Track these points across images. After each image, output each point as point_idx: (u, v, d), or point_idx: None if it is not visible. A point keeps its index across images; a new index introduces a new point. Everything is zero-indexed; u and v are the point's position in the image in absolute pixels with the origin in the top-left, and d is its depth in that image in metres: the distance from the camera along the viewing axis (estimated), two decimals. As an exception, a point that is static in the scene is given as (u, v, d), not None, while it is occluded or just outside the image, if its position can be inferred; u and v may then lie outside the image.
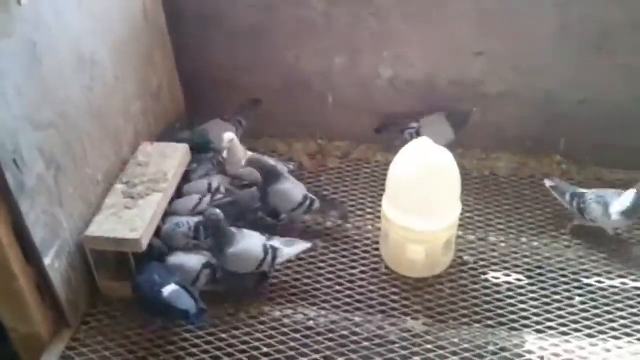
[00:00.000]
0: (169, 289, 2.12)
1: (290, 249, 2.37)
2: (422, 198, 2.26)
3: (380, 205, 2.72)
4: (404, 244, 2.38)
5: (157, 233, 2.35)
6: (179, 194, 2.56)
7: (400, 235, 2.37)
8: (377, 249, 2.59)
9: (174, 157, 2.55)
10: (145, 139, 2.68)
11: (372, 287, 2.43)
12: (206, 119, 2.95)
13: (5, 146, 1.83)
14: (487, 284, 2.44)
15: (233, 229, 2.32)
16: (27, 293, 2.08)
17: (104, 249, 2.25)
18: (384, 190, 2.81)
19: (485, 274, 2.48)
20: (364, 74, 2.97)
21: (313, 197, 2.57)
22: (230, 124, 2.86)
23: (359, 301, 2.39)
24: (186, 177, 2.64)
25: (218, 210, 2.27)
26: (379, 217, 2.70)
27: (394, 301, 2.38)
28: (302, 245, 2.39)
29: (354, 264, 2.53)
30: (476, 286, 2.43)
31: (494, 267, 2.50)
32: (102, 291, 2.37)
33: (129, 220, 2.25)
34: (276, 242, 2.36)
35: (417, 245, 2.36)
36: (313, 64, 2.98)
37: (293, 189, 2.55)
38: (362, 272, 2.50)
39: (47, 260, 2.08)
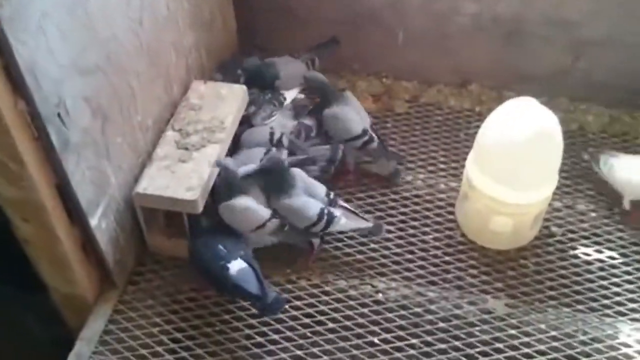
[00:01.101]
0: (236, 266, 1.88)
1: (348, 221, 2.10)
2: (518, 167, 1.97)
3: (454, 161, 2.48)
4: (488, 214, 2.11)
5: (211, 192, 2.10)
6: (234, 143, 2.28)
7: (485, 204, 2.09)
8: (451, 213, 2.32)
9: (230, 100, 2.25)
10: (197, 75, 2.38)
11: (447, 258, 2.19)
12: (260, 53, 2.63)
13: (48, 99, 1.55)
14: (576, 261, 2.18)
15: (295, 176, 2.08)
16: (72, 256, 1.87)
17: (156, 207, 2.01)
18: (456, 141, 2.57)
19: (574, 248, 2.22)
20: (441, 9, 2.59)
21: (373, 134, 2.29)
22: (300, 62, 2.54)
23: (432, 273, 2.15)
24: (243, 122, 2.34)
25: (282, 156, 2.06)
26: (453, 175, 2.44)
27: (472, 275, 2.15)
28: (362, 223, 2.12)
29: (425, 229, 2.28)
30: (564, 262, 2.17)
31: (583, 241, 2.23)
32: (152, 249, 2.16)
33: (184, 177, 1.99)
34: (337, 210, 2.10)
35: (503, 217, 2.09)
36: (384, -4, 2.60)
37: (353, 117, 2.27)
38: (435, 239, 2.25)
39: (93, 221, 1.85)
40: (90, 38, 1.69)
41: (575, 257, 2.19)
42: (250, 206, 2.02)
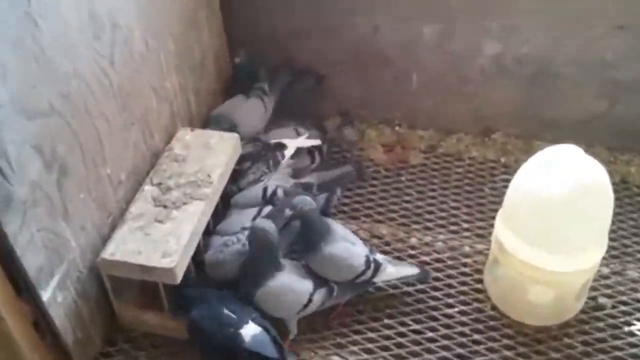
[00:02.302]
0: (250, 331, 1.58)
1: (395, 268, 1.86)
2: (560, 227, 1.63)
3: (479, 219, 2.15)
4: (524, 284, 1.77)
5: (194, 257, 1.77)
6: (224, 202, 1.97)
7: (520, 272, 1.74)
8: (479, 281, 1.97)
9: (219, 150, 1.95)
10: (184, 123, 2.10)
11: (476, 336, 1.83)
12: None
13: (-18, 147, 1.25)
14: (632, 339, 1.81)
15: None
16: (19, 335, 1.53)
17: (125, 276, 1.68)
18: (480, 197, 2.24)
19: (628, 324, 1.85)
20: (460, 50, 2.31)
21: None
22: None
23: (459, 356, 1.79)
24: (235, 178, 2.04)
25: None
26: (478, 236, 2.11)
27: (506, 358, 1.77)
28: (410, 269, 1.88)
29: (449, 301, 1.92)
30: (617, 342, 1.80)
31: (638, 315, 1.87)
32: (123, 325, 1.82)
33: (160, 240, 1.67)
34: (379, 256, 1.85)
35: (543, 287, 1.74)
36: (394, 34, 2.33)
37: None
38: (462, 312, 1.89)
39: (45, 294, 1.52)
40: (41, 74, 1.40)
41: (631, 334, 1.82)
42: (291, 284, 1.73)
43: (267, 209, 1.90)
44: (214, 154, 1.93)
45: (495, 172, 2.35)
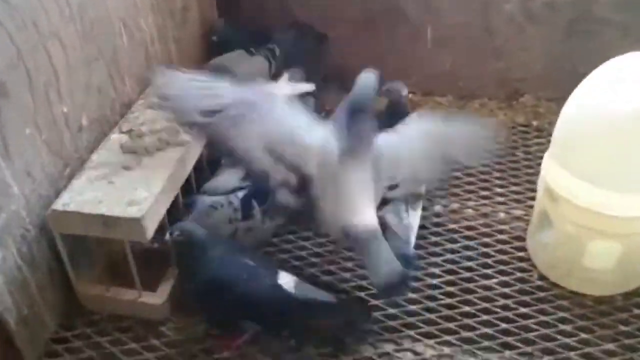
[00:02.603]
0: (288, 280, 1.32)
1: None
2: (631, 157, 1.29)
3: (514, 184, 1.83)
4: (582, 241, 1.42)
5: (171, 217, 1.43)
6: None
7: (578, 223, 1.40)
8: (521, 249, 1.63)
9: (204, 97, 1.62)
10: (161, 71, 1.78)
11: (523, 310, 1.47)
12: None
13: None
14: None
15: None
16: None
17: (83, 234, 1.33)
18: (513, 161, 1.92)
19: None
20: (480, -5, 2.01)
21: None
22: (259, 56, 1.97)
23: (505, 332, 1.43)
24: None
25: None
26: (516, 201, 1.78)
27: (564, 334, 1.41)
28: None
29: (486, 272, 1.57)
30: (701, 312, 1.44)
31: None
32: (83, 302, 1.46)
33: (127, 188, 1.34)
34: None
35: (606, 242, 1.39)
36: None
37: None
38: (503, 284, 1.54)
39: (-24, 253, 1.18)
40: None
41: None
42: None
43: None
44: (197, 100, 1.61)
45: (528, 136, 2.03)
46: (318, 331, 1.39)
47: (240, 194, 1.53)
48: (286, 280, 1.33)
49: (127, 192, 1.32)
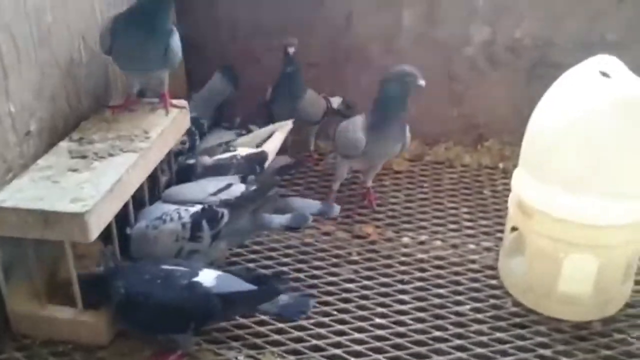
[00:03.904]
0: (209, 275, 1.27)
1: None
2: (602, 158, 1.25)
3: (483, 218, 1.78)
4: (557, 255, 1.35)
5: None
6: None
7: (552, 236, 1.34)
8: (492, 277, 1.55)
9: (163, 113, 1.56)
10: (120, 92, 1.72)
11: (498, 335, 1.37)
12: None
13: None
14: (702, 334, 1.37)
15: None
16: None
17: (21, 236, 1.21)
18: (481, 199, 1.88)
19: (693, 316, 1.42)
20: (444, 37, 2.04)
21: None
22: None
23: (480, 356, 1.32)
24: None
25: None
26: (485, 234, 1.71)
27: (544, 358, 1.31)
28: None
29: (458, 298, 1.49)
30: (684, 337, 1.36)
31: (701, 308, 1.45)
32: (15, 323, 1.31)
33: (72, 187, 1.23)
34: None
35: (582, 254, 1.33)
36: (371, 23, 2.06)
37: None
38: (475, 310, 1.45)
39: None
40: None
41: (700, 328, 1.39)
42: None
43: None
44: (155, 116, 1.54)
45: (495, 177, 2.00)
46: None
47: (193, 209, 1.42)
48: (206, 277, 1.25)
49: (72, 190, 1.22)
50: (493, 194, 1.90)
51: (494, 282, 1.53)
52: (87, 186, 1.23)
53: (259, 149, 1.69)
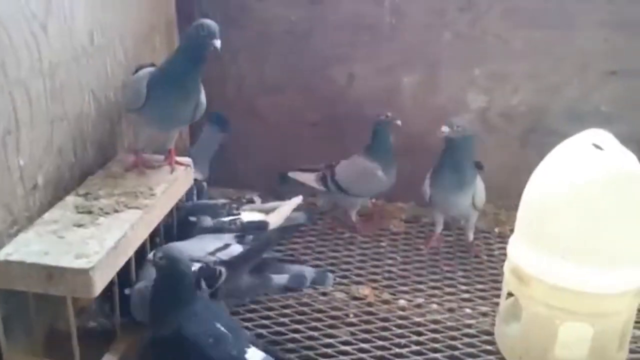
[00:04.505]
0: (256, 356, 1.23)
1: None
2: (595, 230, 1.28)
3: (480, 283, 1.80)
4: (553, 323, 1.36)
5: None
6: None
7: (547, 304, 1.35)
8: (488, 343, 1.56)
9: (168, 172, 1.59)
10: (125, 148, 1.76)
11: (495, 402, 1.37)
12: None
13: None
14: (697, 406, 1.38)
15: None
16: None
17: (24, 289, 1.22)
18: (478, 263, 1.91)
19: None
20: (442, 102, 2.10)
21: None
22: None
23: None
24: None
25: None
26: (481, 298, 1.73)
27: None
28: None
29: (454, 365, 1.48)
30: (680, 408, 1.37)
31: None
32: (12, 381, 1.30)
33: (77, 243, 1.25)
34: None
35: (577, 322, 1.35)
36: (371, 84, 2.12)
37: None
38: (472, 378, 1.44)
39: None
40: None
41: (694, 400, 1.39)
42: None
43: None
44: (160, 174, 1.57)
45: (491, 242, 2.03)
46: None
47: (194, 267, 1.43)
48: (254, 356, 1.23)
49: (77, 246, 1.23)
50: (489, 258, 1.92)
51: (490, 347, 1.54)
52: (91, 242, 1.24)
53: (261, 219, 1.70)
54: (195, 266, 1.42)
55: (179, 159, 1.63)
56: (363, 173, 1.94)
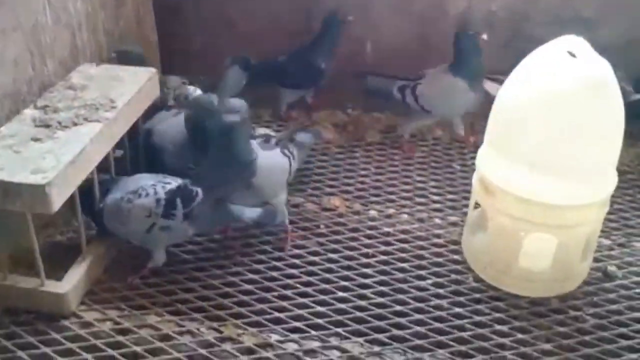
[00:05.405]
0: None
1: None
2: (564, 140, 1.26)
3: (451, 193, 1.80)
4: (518, 234, 1.37)
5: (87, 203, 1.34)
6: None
7: (513, 215, 1.36)
8: (456, 252, 1.58)
9: (131, 81, 1.54)
10: (89, 60, 1.69)
11: (457, 310, 1.40)
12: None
13: None
14: (653, 312, 1.42)
15: None
16: None
17: (-21, 208, 1.21)
18: (450, 173, 1.91)
19: (645, 295, 1.47)
20: (421, 8, 2.02)
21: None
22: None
23: (438, 331, 1.35)
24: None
25: None
26: (451, 208, 1.73)
27: (499, 334, 1.34)
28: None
29: (420, 273, 1.51)
30: (637, 314, 1.40)
31: (658, 285, 1.49)
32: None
33: (34, 158, 1.22)
34: None
35: (542, 233, 1.35)
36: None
37: None
38: (437, 285, 1.47)
39: None
40: None
41: (651, 306, 1.43)
42: None
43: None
44: (123, 84, 1.52)
45: (465, 151, 2.01)
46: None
47: (169, 186, 1.41)
48: None
49: (33, 161, 1.21)
50: (462, 168, 1.92)
51: (457, 257, 1.56)
52: (49, 157, 1.22)
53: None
54: (173, 184, 1.41)
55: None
56: (449, 91, 1.86)
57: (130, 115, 1.48)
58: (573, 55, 1.28)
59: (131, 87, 1.51)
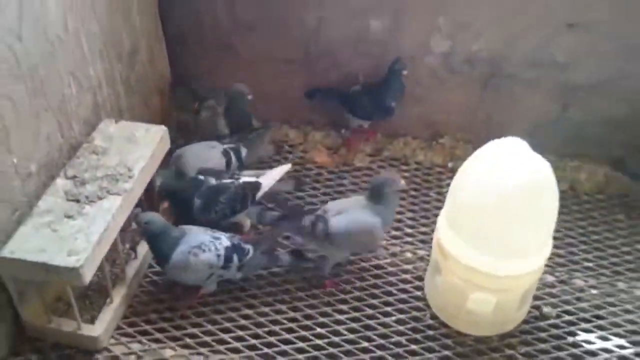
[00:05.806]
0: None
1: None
2: (503, 228, 1.53)
3: (423, 225, 2.05)
4: (465, 290, 1.66)
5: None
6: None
7: (461, 277, 1.64)
8: (420, 288, 1.87)
9: (144, 143, 1.81)
10: (110, 115, 1.95)
11: (413, 347, 1.71)
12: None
13: None
14: (576, 351, 1.72)
15: None
16: None
17: (27, 279, 1.52)
18: (425, 202, 2.15)
19: (572, 334, 1.76)
20: (408, 46, 2.21)
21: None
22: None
23: (395, 367, 1.67)
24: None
25: None
26: (422, 242, 2.01)
27: (445, 371, 1.66)
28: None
29: (387, 309, 1.81)
30: (561, 353, 1.71)
31: (583, 325, 1.78)
32: (31, 332, 1.66)
33: (68, 237, 1.52)
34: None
35: (484, 294, 1.64)
36: (341, 28, 2.22)
37: None
38: (399, 322, 1.78)
39: None
40: None
41: (575, 345, 1.73)
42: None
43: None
44: (138, 146, 1.79)
45: (442, 177, 2.26)
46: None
47: (225, 244, 1.73)
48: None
49: (68, 241, 1.50)
50: (437, 196, 2.17)
51: (419, 293, 1.85)
52: (80, 237, 1.51)
53: (255, 179, 1.93)
54: (227, 242, 1.75)
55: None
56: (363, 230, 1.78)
57: (144, 178, 1.75)
58: (514, 155, 1.51)
59: (145, 150, 1.78)
